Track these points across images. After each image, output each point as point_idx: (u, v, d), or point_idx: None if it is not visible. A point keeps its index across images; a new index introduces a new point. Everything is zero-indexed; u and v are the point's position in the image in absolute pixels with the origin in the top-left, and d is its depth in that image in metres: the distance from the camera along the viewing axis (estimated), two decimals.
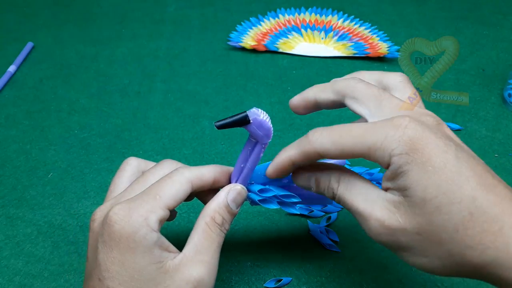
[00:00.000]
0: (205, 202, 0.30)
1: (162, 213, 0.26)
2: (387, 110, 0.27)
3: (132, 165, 0.31)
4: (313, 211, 0.39)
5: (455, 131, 0.48)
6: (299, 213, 0.33)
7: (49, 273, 0.36)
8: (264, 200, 0.31)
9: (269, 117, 0.27)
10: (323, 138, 0.26)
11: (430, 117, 0.27)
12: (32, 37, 0.65)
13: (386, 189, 0.24)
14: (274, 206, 0.30)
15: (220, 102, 0.53)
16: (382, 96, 0.28)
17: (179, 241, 0.27)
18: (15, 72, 0.59)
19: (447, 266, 0.23)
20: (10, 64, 0.59)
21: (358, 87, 0.28)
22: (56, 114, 0.52)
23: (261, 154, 0.29)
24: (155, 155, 0.46)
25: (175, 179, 0.27)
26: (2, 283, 0.35)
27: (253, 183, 0.31)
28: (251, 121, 0.26)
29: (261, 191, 0.30)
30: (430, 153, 0.23)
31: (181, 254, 0.26)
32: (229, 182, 0.31)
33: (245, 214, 0.40)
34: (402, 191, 0.23)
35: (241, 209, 0.40)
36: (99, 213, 0.27)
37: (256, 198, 0.30)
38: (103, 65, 0.60)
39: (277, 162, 0.28)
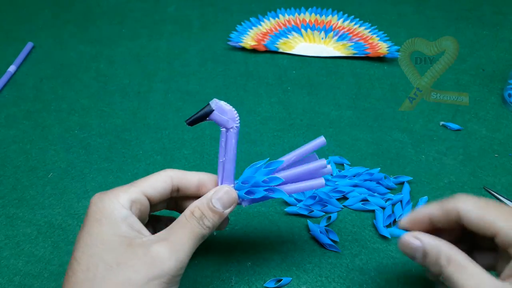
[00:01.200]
0: None
1: (136, 195, 0.27)
2: None
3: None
4: (313, 211, 0.39)
5: (455, 131, 0.48)
6: (287, 196, 0.32)
7: (49, 273, 0.36)
8: (252, 193, 0.30)
9: (228, 104, 0.29)
10: (469, 200, 0.27)
11: None
12: (32, 37, 0.65)
13: (505, 278, 0.24)
14: (260, 195, 0.30)
15: None
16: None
17: None
18: (15, 72, 0.59)
19: None
20: (10, 64, 0.59)
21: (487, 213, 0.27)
22: (56, 114, 0.52)
23: (234, 141, 0.30)
24: (155, 155, 0.46)
25: (155, 173, 0.29)
26: (2, 283, 0.35)
27: (238, 183, 0.31)
28: (214, 109, 0.29)
29: (244, 182, 0.30)
30: None
31: (152, 236, 0.27)
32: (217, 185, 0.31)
33: (245, 214, 0.40)
34: None
35: (241, 209, 0.40)
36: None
37: (242, 192, 0.30)
38: (103, 65, 0.60)
39: (415, 215, 0.29)
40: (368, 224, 0.39)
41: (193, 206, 0.28)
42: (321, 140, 0.32)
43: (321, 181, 0.31)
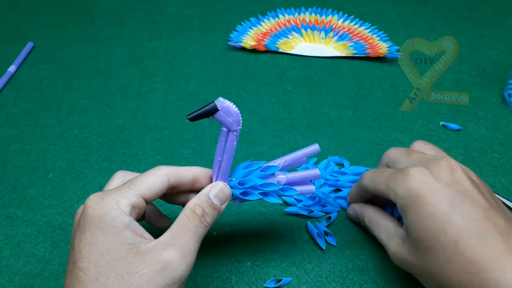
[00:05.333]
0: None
1: (135, 199, 0.27)
2: (413, 160, 0.32)
3: (119, 175, 0.31)
4: (313, 211, 0.39)
5: (455, 131, 0.48)
6: (281, 202, 0.34)
7: (49, 273, 0.36)
8: (246, 193, 0.31)
9: (235, 105, 0.29)
10: (367, 177, 0.34)
11: (444, 164, 0.30)
12: (32, 37, 0.65)
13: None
14: (255, 198, 0.31)
15: None
16: (411, 152, 0.33)
17: None
18: (15, 72, 0.59)
19: None
20: (10, 64, 0.59)
21: (392, 153, 0.34)
22: (56, 114, 0.52)
23: (235, 143, 0.30)
24: (155, 155, 0.46)
25: (150, 172, 0.29)
26: (2, 283, 0.35)
27: (233, 179, 0.32)
28: (219, 109, 0.28)
29: (241, 184, 0.31)
30: (426, 201, 0.28)
31: (156, 240, 0.26)
32: (211, 182, 0.31)
33: (245, 214, 0.40)
34: (405, 228, 0.30)
35: (241, 209, 0.40)
36: (80, 208, 0.28)
37: (237, 192, 0.31)
38: (103, 65, 0.60)
39: (351, 189, 0.39)
40: None
41: (193, 204, 0.28)
42: (315, 147, 0.34)
43: (316, 171, 0.33)
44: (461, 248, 0.26)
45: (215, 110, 0.28)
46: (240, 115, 0.29)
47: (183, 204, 0.32)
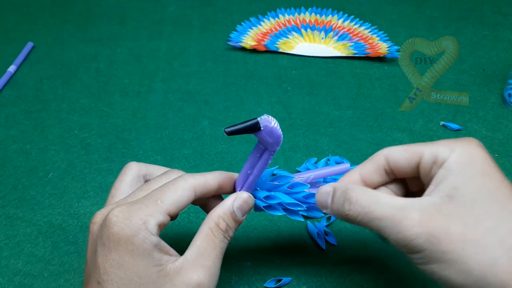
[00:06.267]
0: (207, 211, 0.30)
1: (162, 218, 0.26)
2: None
3: (132, 169, 0.30)
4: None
5: (455, 131, 0.48)
6: (303, 220, 0.33)
7: (49, 273, 0.36)
8: (269, 207, 0.30)
9: (278, 124, 0.27)
10: (393, 148, 0.27)
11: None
12: (32, 37, 0.65)
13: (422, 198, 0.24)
14: (279, 213, 0.30)
15: (220, 102, 0.53)
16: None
17: (179, 242, 0.27)
18: (15, 72, 0.59)
19: (488, 276, 0.21)
20: (10, 64, 0.59)
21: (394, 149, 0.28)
22: (56, 114, 0.52)
23: (269, 161, 0.29)
24: (155, 155, 0.46)
25: (178, 185, 0.27)
26: (2, 283, 0.35)
27: (258, 190, 0.31)
28: (261, 128, 0.26)
29: (266, 197, 0.30)
30: (490, 166, 0.24)
31: (182, 258, 0.26)
32: (234, 188, 0.30)
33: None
34: (451, 190, 0.23)
35: None
36: (99, 215, 0.26)
37: (261, 204, 0.30)
38: (103, 65, 0.60)
39: (346, 174, 0.29)
40: None
41: (217, 217, 0.27)
42: (346, 166, 0.32)
43: (346, 165, 0.32)
44: None
45: (257, 128, 0.26)
46: (282, 136, 0.27)
47: (202, 206, 0.32)
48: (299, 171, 0.44)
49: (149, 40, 0.65)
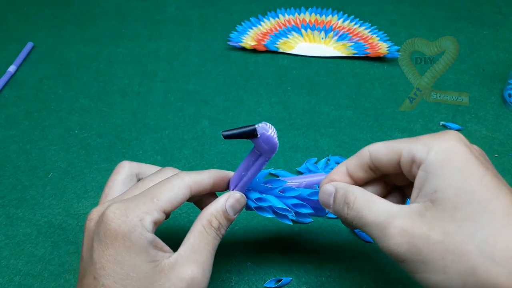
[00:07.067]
0: (201, 207, 0.31)
1: (158, 215, 0.26)
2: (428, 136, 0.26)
3: (125, 168, 0.31)
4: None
5: (455, 131, 0.48)
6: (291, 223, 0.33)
7: (49, 273, 0.36)
8: (260, 208, 0.31)
9: (276, 133, 0.27)
10: (377, 144, 0.27)
11: (475, 146, 0.26)
12: (32, 37, 0.65)
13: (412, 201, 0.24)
14: (268, 215, 0.31)
15: (220, 102, 0.53)
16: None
17: (178, 241, 0.27)
18: (15, 72, 0.59)
19: (468, 285, 0.21)
20: (10, 64, 0.59)
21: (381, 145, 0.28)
22: (56, 114, 0.52)
23: (263, 166, 0.29)
24: (155, 155, 0.46)
25: (174, 183, 0.27)
26: (2, 283, 0.35)
27: (250, 190, 0.31)
28: (258, 136, 0.26)
29: (258, 199, 0.31)
30: (469, 162, 0.22)
31: (177, 254, 0.26)
32: (227, 187, 0.31)
33: (245, 214, 0.40)
34: (431, 194, 0.22)
35: None
36: (95, 213, 0.27)
37: (252, 205, 0.31)
38: (103, 65, 0.60)
39: (333, 170, 0.29)
40: None
41: (209, 215, 0.28)
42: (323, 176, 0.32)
43: (322, 176, 0.32)
44: None
45: (253, 135, 0.26)
46: (278, 145, 0.27)
47: (195, 203, 0.32)
48: (300, 172, 0.44)
49: (149, 40, 0.65)
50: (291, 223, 0.32)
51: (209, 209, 0.28)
